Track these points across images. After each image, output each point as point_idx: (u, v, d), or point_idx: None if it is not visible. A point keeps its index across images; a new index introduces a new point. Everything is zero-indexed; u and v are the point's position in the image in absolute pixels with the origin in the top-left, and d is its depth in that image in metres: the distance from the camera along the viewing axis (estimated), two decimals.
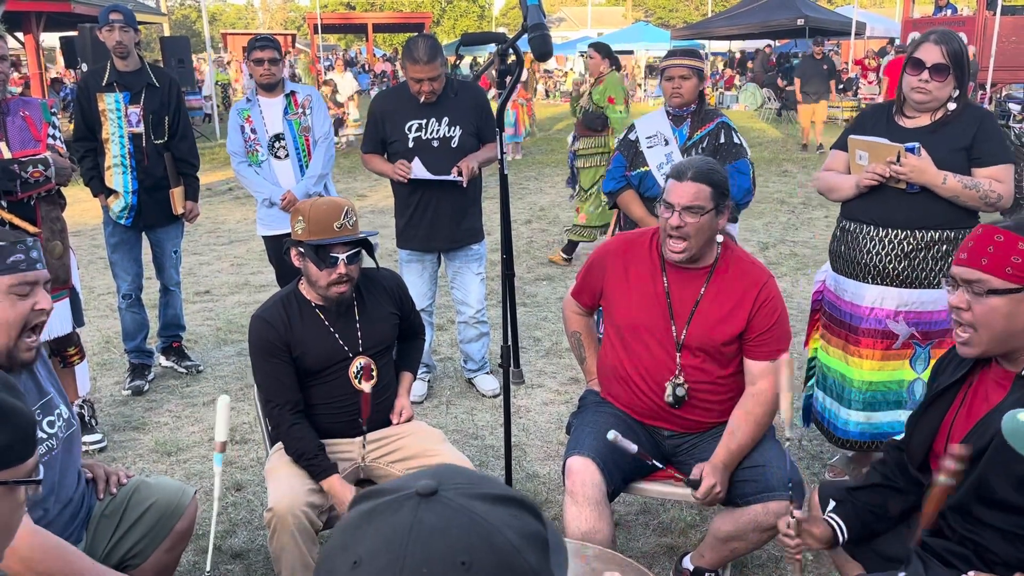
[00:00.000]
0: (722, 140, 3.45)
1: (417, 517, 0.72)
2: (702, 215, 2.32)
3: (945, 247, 2.83)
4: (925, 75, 2.74)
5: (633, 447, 2.26)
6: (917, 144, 2.75)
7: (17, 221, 3.23)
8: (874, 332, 2.95)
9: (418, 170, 3.85)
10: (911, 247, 2.84)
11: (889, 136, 2.85)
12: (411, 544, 0.70)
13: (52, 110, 3.51)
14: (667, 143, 3.49)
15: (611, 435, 2.23)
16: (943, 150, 2.76)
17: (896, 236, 2.85)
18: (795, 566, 2.04)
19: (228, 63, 22.30)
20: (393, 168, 3.89)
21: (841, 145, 3.03)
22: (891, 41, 19.18)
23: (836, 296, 3.08)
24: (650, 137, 3.53)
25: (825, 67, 13.01)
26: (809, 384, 3.32)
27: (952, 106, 2.80)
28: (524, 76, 15.62)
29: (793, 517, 1.94)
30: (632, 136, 3.61)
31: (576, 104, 6.80)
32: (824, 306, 3.18)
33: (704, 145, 3.45)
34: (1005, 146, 2.83)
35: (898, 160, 2.75)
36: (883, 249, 2.88)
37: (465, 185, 3.86)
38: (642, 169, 3.53)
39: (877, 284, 2.92)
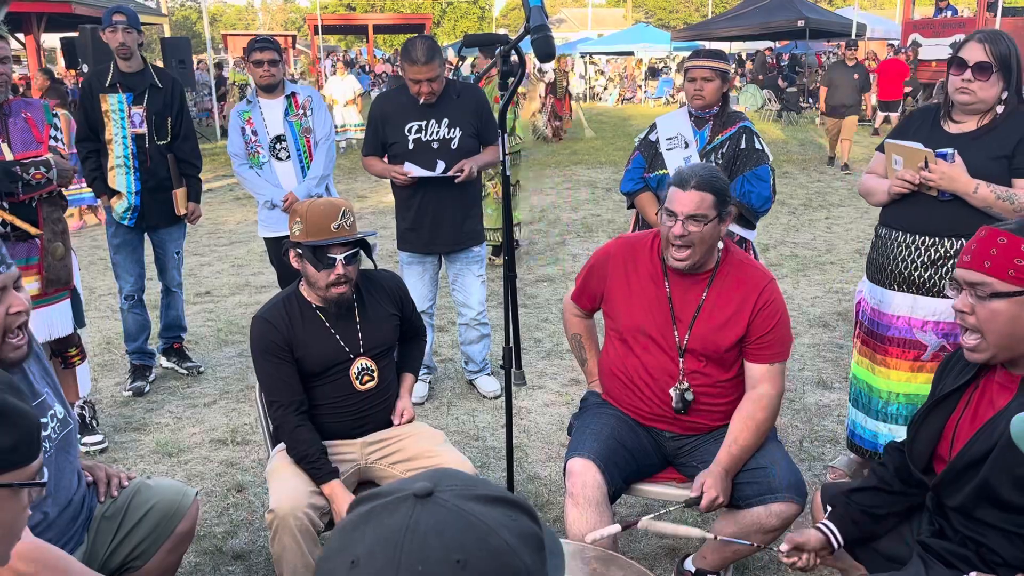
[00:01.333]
0: (743, 145, 3.36)
1: (413, 518, 0.73)
2: (706, 223, 2.31)
3: None
4: (968, 74, 2.64)
5: (616, 528, 2.13)
6: (951, 150, 2.67)
7: (18, 222, 3.23)
8: (902, 341, 2.89)
9: (413, 171, 3.85)
10: (938, 255, 2.78)
11: (930, 140, 2.75)
12: (407, 544, 0.71)
13: (53, 112, 3.51)
14: (687, 146, 3.42)
15: (589, 537, 2.07)
16: (981, 157, 2.66)
17: (924, 243, 2.79)
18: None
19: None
20: (392, 171, 3.89)
21: (883, 148, 2.95)
22: (891, 45, 19.21)
23: (867, 304, 3.03)
24: (670, 139, 3.46)
25: (856, 76, 10.98)
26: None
27: (1000, 109, 2.69)
28: (551, 78, 15.39)
29: (781, 551, 1.97)
30: (652, 136, 3.53)
31: None
32: (862, 317, 3.12)
33: (724, 150, 3.37)
34: None
35: (927, 166, 2.67)
36: (909, 256, 2.82)
37: (459, 180, 3.84)
38: (661, 172, 3.46)
39: (903, 292, 2.87)
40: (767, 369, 2.39)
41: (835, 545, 1.98)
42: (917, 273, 2.82)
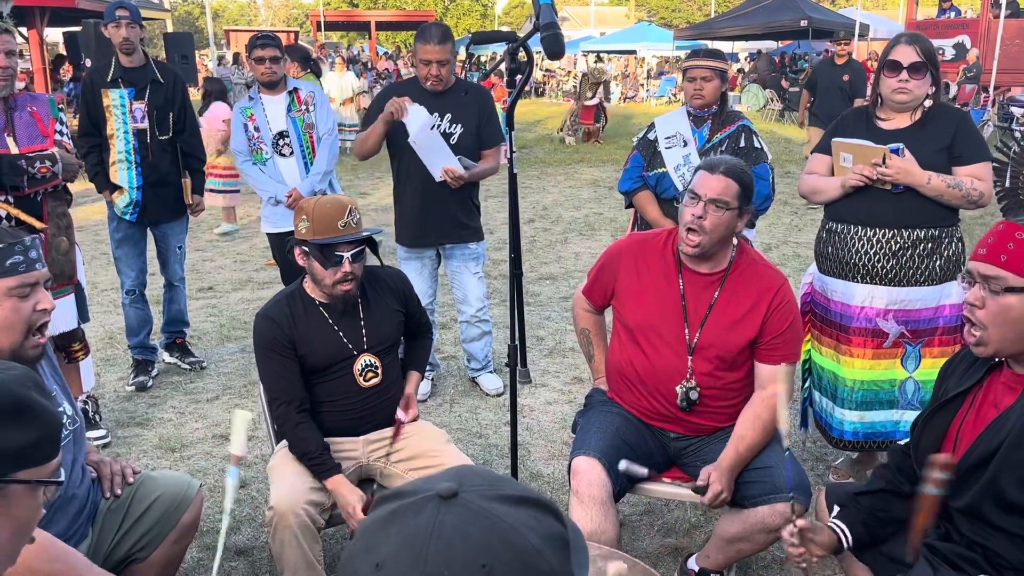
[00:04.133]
0: (742, 144, 3.39)
1: (438, 520, 0.73)
2: (726, 210, 2.32)
3: (930, 245, 2.89)
4: (904, 75, 2.82)
5: (644, 471, 2.26)
6: (901, 145, 2.81)
7: (23, 216, 3.22)
8: (865, 331, 2.99)
9: (416, 112, 3.71)
10: (899, 246, 2.89)
11: (870, 138, 2.89)
12: (432, 547, 0.71)
13: (59, 106, 3.51)
14: (686, 144, 3.45)
15: (622, 465, 2.23)
16: (925, 150, 2.82)
17: (884, 235, 2.90)
18: (800, 574, 2.03)
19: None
20: (383, 114, 3.74)
21: (822, 148, 3.08)
22: None
23: (825, 297, 3.11)
24: (669, 138, 3.48)
25: (846, 77, 8.39)
26: (805, 386, 3.33)
27: (928, 103, 2.87)
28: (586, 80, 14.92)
29: (796, 526, 1.94)
30: (651, 136, 3.55)
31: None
32: (813, 307, 3.21)
33: (724, 148, 3.39)
34: (983, 145, 2.90)
35: (884, 162, 2.80)
36: (871, 248, 2.92)
37: (440, 178, 3.80)
38: (660, 170, 3.48)
39: (866, 283, 2.96)
40: (777, 370, 2.39)
41: (845, 544, 1.97)
42: (880, 264, 2.93)
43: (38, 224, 3.26)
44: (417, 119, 3.72)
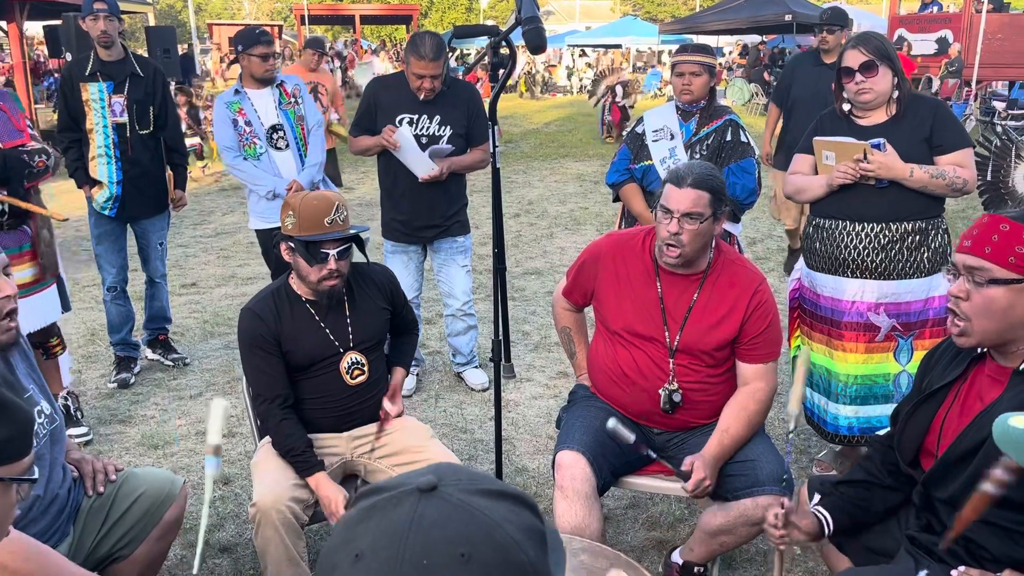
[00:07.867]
0: (728, 138, 3.40)
1: (418, 511, 0.73)
2: (701, 222, 2.31)
3: (918, 237, 2.91)
4: (858, 77, 2.86)
5: (631, 437, 2.26)
6: (882, 140, 2.83)
7: (35, 208, 3.20)
8: (856, 325, 3.00)
9: (405, 133, 3.79)
10: (887, 239, 2.91)
11: (851, 135, 2.92)
12: (411, 537, 0.71)
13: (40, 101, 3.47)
14: (672, 137, 3.46)
15: (611, 423, 2.22)
16: (905, 143, 2.85)
17: (872, 229, 2.92)
18: (780, 556, 2.05)
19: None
20: (379, 137, 3.84)
21: (804, 148, 3.09)
22: None
23: (814, 292, 3.12)
24: (656, 131, 3.49)
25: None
26: None
27: (896, 93, 2.89)
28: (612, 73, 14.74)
29: (782, 508, 1.96)
30: (639, 129, 3.57)
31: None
32: (802, 303, 3.21)
33: (710, 142, 3.40)
34: (963, 131, 2.93)
35: (865, 158, 2.82)
36: (860, 243, 2.94)
37: (423, 179, 3.84)
38: (646, 163, 3.49)
39: (856, 277, 2.97)
40: (759, 368, 2.41)
41: (827, 530, 1.98)
42: (870, 259, 2.94)
43: (43, 211, 3.25)
44: (406, 141, 3.78)
